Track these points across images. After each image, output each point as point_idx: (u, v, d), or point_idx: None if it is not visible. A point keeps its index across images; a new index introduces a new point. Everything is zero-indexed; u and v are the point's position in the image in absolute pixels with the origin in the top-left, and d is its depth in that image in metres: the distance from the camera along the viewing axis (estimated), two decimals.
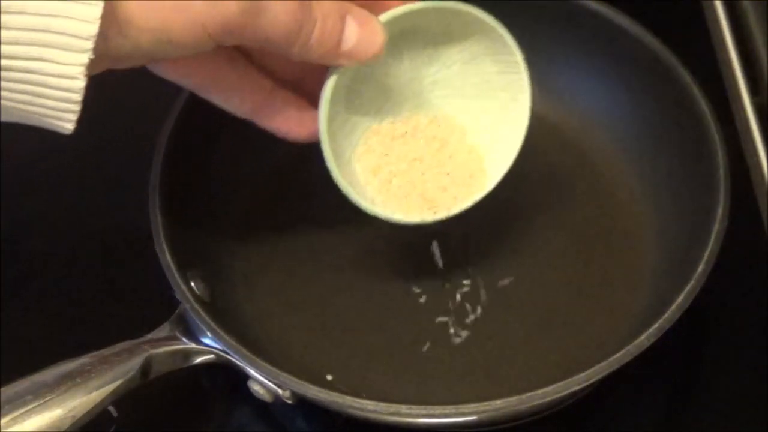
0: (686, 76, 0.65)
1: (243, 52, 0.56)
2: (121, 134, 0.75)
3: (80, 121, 0.48)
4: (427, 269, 0.66)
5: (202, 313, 0.58)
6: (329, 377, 0.62)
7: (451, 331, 0.64)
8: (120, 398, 0.56)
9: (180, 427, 0.63)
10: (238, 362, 0.57)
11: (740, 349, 0.64)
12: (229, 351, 0.57)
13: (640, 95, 0.68)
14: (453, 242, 0.66)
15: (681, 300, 0.56)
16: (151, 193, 0.62)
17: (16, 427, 0.53)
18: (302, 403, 0.58)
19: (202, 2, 0.46)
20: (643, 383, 0.63)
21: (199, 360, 0.59)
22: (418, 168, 0.59)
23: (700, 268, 0.57)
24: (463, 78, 0.60)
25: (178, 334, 0.58)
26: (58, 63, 0.44)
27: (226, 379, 0.62)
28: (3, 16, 0.42)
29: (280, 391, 0.57)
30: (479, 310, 0.64)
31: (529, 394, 0.55)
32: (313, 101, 0.56)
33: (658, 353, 0.56)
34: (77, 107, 0.46)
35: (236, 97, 0.57)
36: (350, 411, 0.58)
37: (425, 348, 0.63)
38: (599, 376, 0.55)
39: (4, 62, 0.43)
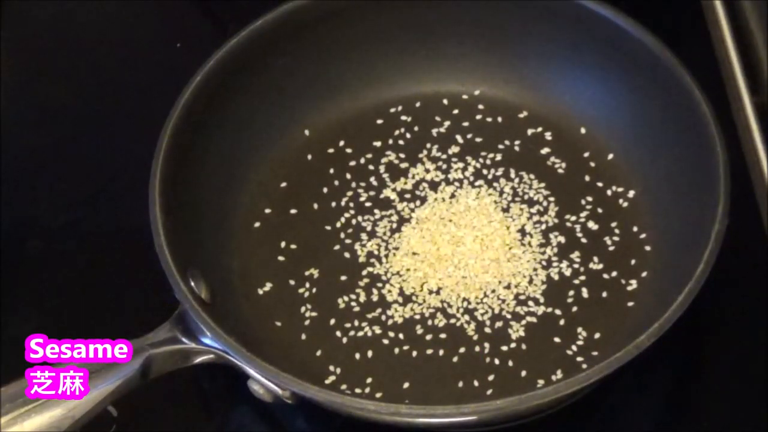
0: (686, 76, 0.64)
1: None
2: (121, 133, 0.75)
3: (81, 121, 0.48)
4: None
5: (202, 313, 0.58)
6: (329, 377, 0.62)
7: (452, 331, 0.64)
8: (120, 398, 0.56)
9: (180, 427, 0.63)
10: (238, 362, 0.57)
11: (740, 349, 0.64)
12: (229, 351, 0.57)
13: (640, 95, 0.68)
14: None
15: (681, 300, 0.56)
16: (151, 193, 0.62)
17: (16, 427, 0.53)
18: (302, 403, 0.58)
19: None
20: (643, 383, 0.63)
21: (199, 360, 0.59)
22: None
23: (700, 268, 0.57)
24: None
25: (178, 334, 0.58)
26: None
27: (226, 379, 0.62)
28: None
29: (280, 391, 0.57)
30: (479, 310, 0.64)
31: (529, 394, 0.55)
32: None
33: (658, 353, 0.56)
34: None
35: None
36: (350, 411, 0.58)
37: (425, 348, 0.63)
38: (599, 376, 0.55)
39: None
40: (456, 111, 0.73)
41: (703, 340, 0.65)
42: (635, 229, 0.67)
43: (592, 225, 0.67)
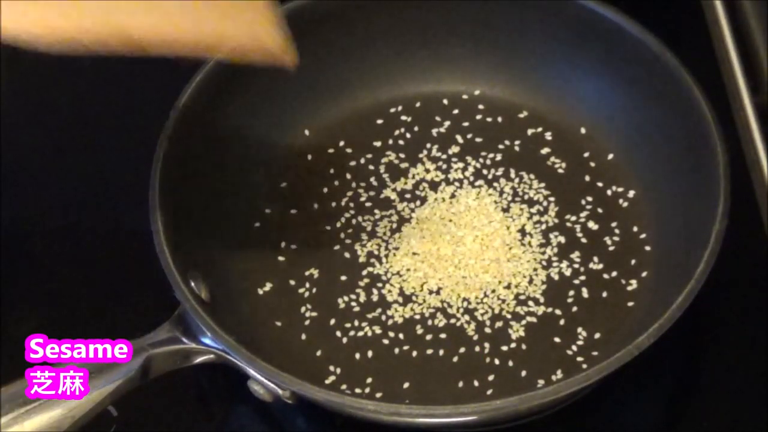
0: (686, 76, 0.64)
1: None
2: (121, 134, 0.75)
3: (81, 121, 0.48)
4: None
5: (202, 313, 0.58)
6: (329, 377, 0.62)
7: (452, 331, 0.64)
8: (120, 398, 0.56)
9: (180, 427, 0.63)
10: (238, 362, 0.57)
11: (740, 349, 0.64)
12: (229, 351, 0.57)
13: (641, 95, 0.68)
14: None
15: (681, 300, 0.56)
16: (151, 193, 0.62)
17: (16, 427, 0.53)
18: (302, 403, 0.58)
19: None
20: (643, 383, 0.63)
21: (199, 360, 0.59)
22: None
23: (700, 268, 0.57)
24: None
25: (178, 334, 0.58)
26: None
27: (226, 379, 0.62)
28: None
29: (280, 391, 0.57)
30: (479, 310, 0.64)
31: (529, 394, 0.55)
32: None
33: (658, 353, 0.56)
34: None
35: None
36: (350, 411, 0.58)
37: (425, 348, 0.63)
38: (599, 376, 0.55)
39: None
40: (456, 111, 0.73)
41: (703, 340, 0.65)
42: (635, 229, 0.67)
43: (592, 225, 0.67)
